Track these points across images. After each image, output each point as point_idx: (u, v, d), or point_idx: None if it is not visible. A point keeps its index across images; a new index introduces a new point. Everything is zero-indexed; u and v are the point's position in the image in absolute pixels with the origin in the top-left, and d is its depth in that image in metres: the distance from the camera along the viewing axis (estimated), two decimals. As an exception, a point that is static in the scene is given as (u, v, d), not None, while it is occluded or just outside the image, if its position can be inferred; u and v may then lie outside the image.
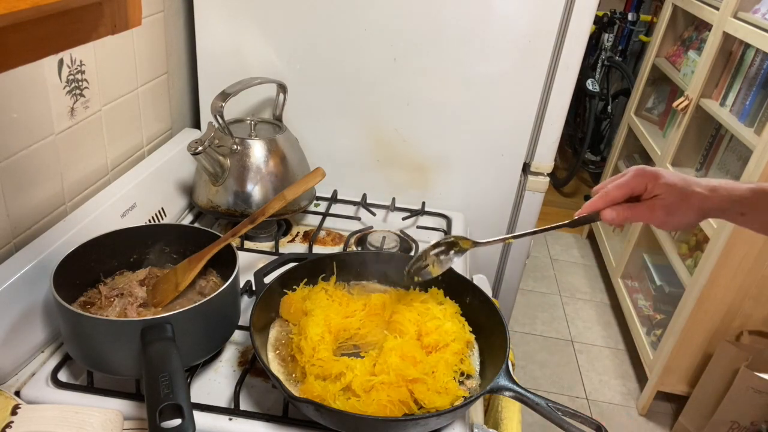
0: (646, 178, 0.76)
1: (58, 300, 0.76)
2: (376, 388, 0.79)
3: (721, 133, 2.16)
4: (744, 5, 2.00)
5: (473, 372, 0.88)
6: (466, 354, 0.89)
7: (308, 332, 0.85)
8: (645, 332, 2.29)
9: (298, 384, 0.82)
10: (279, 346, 0.90)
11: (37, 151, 0.93)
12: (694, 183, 0.77)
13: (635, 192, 0.77)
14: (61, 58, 0.95)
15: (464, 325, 0.93)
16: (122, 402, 0.81)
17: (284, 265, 0.99)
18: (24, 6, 0.39)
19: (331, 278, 1.00)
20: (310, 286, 0.98)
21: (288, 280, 0.96)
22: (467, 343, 0.91)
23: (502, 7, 1.21)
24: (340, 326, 0.90)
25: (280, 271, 0.97)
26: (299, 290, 0.96)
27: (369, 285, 1.04)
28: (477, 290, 0.96)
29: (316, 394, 0.77)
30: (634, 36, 3.78)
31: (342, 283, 1.01)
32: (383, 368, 0.81)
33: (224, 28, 1.31)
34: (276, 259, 1.00)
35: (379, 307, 0.94)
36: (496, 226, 1.46)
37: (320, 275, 0.99)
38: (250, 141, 1.20)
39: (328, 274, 1.00)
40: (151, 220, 1.15)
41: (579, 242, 3.29)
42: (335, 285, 1.00)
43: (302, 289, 0.97)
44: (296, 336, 0.87)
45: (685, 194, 0.75)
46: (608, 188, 0.78)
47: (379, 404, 0.77)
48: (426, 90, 1.31)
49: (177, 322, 0.76)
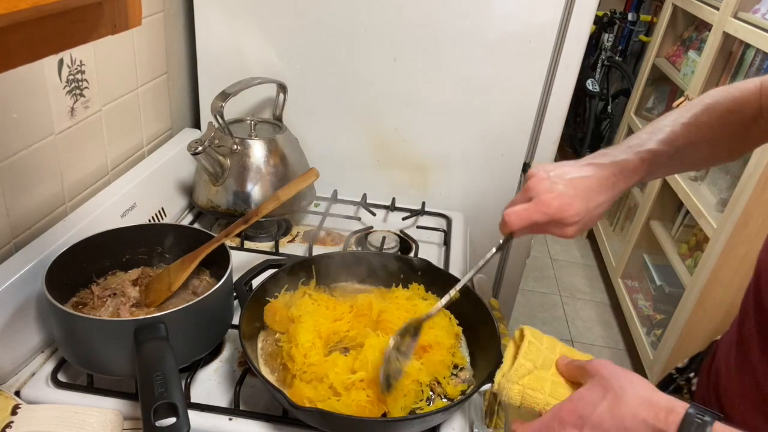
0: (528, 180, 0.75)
1: (51, 300, 0.76)
2: (356, 386, 0.78)
3: (721, 133, 2.16)
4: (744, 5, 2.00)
5: (465, 363, 0.89)
6: (456, 347, 0.90)
7: (298, 339, 0.84)
8: (645, 332, 2.29)
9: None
10: (266, 356, 0.88)
11: (37, 151, 0.93)
12: (573, 166, 0.75)
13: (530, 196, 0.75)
14: (61, 58, 0.95)
15: (451, 318, 0.93)
16: (122, 402, 0.81)
17: (264, 272, 0.96)
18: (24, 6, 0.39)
19: (311, 282, 0.98)
20: (291, 292, 0.96)
21: (269, 287, 0.93)
22: (456, 336, 0.91)
23: (502, 8, 1.21)
24: (329, 330, 0.88)
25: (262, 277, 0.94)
26: (281, 297, 0.94)
27: (350, 286, 1.03)
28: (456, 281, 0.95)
29: (306, 396, 0.77)
30: (634, 36, 3.78)
31: (322, 287, 1.00)
32: (363, 364, 0.81)
33: (224, 28, 1.31)
34: (254, 267, 0.96)
35: (366, 308, 0.93)
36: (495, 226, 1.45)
37: (300, 280, 0.97)
38: (250, 141, 1.20)
39: (308, 278, 0.98)
40: (151, 220, 1.15)
41: (579, 242, 3.29)
42: (316, 288, 0.98)
43: (283, 295, 0.94)
44: (286, 344, 0.86)
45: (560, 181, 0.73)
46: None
47: (358, 405, 0.76)
48: (426, 90, 1.31)
49: (170, 321, 0.76)
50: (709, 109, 0.80)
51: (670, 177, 2.29)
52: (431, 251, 1.26)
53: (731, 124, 0.80)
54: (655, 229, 2.44)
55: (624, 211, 3.02)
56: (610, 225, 3.16)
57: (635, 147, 0.76)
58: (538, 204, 0.72)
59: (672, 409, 0.57)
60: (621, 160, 0.75)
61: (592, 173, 0.74)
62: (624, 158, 0.75)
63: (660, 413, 0.57)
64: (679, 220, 2.33)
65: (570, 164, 0.76)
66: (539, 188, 0.73)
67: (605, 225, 3.17)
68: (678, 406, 0.57)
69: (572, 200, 0.71)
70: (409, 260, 1.01)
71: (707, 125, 0.79)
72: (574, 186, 0.72)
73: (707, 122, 0.79)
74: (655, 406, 0.58)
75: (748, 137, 0.82)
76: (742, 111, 0.79)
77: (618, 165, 0.75)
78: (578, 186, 0.72)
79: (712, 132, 0.80)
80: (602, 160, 0.75)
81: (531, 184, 0.74)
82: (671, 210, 2.45)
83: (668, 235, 2.37)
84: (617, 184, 0.74)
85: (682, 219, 2.30)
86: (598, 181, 0.73)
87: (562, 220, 0.72)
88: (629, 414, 0.58)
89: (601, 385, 0.63)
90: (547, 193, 0.72)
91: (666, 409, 0.58)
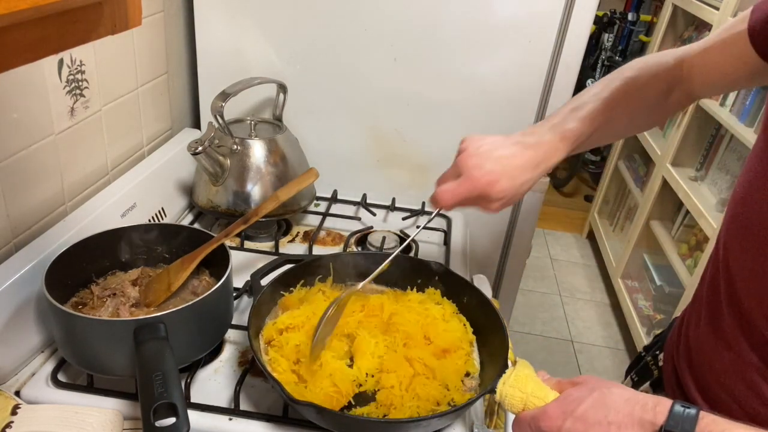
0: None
1: (50, 300, 0.76)
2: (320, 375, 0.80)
3: (721, 133, 2.16)
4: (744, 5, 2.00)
5: (475, 372, 0.88)
6: (470, 354, 0.90)
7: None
8: (645, 332, 2.29)
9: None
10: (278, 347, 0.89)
11: (37, 151, 0.93)
12: (503, 144, 0.80)
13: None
14: (61, 58, 0.95)
15: (466, 325, 0.93)
16: (122, 402, 0.81)
17: (282, 267, 0.98)
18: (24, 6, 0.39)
19: (327, 279, 1.00)
20: (307, 288, 0.98)
21: (285, 282, 0.96)
22: (470, 343, 0.91)
23: (502, 8, 1.21)
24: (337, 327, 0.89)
25: (278, 272, 0.97)
26: (296, 292, 0.96)
27: (367, 286, 1.03)
28: (475, 290, 0.95)
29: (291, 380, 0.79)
30: (634, 36, 3.78)
31: (339, 284, 1.01)
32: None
33: (224, 28, 1.31)
34: (273, 260, 0.99)
35: (377, 309, 0.94)
36: (495, 226, 1.46)
37: (317, 276, 0.99)
38: (250, 141, 1.20)
39: (325, 275, 1.00)
40: (151, 220, 1.15)
41: (579, 242, 3.29)
42: (332, 286, 0.99)
43: (299, 290, 0.96)
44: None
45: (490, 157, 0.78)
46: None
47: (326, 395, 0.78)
48: (426, 90, 1.31)
49: (170, 321, 0.76)
50: (629, 82, 0.83)
51: (671, 177, 2.29)
52: (431, 251, 1.26)
53: (649, 97, 0.84)
54: (655, 229, 2.44)
55: (624, 211, 3.02)
56: (610, 225, 3.16)
57: (558, 126, 0.81)
58: (467, 181, 0.78)
59: (659, 402, 0.58)
60: (545, 140, 0.80)
61: (519, 152, 0.79)
62: (548, 138, 0.80)
63: (647, 405, 0.58)
64: (679, 220, 2.33)
65: (500, 141, 0.80)
66: (468, 164, 0.78)
67: (605, 225, 3.17)
68: (664, 400, 0.58)
69: (499, 177, 0.77)
70: (426, 264, 1.01)
71: (626, 99, 0.83)
72: (501, 164, 0.78)
73: (625, 96, 0.82)
74: (641, 400, 0.59)
75: (666, 108, 0.86)
76: (660, 84, 0.83)
77: (542, 146, 0.80)
78: (505, 164, 0.78)
79: (630, 105, 0.84)
80: (529, 139, 0.81)
81: (461, 160, 0.80)
82: (671, 210, 2.45)
83: (668, 235, 2.37)
84: (541, 164, 0.80)
85: (682, 219, 2.31)
86: (523, 160, 0.79)
87: (488, 196, 0.78)
88: (614, 408, 0.59)
89: (588, 386, 0.64)
90: (476, 169, 0.77)
91: (653, 401, 0.59)
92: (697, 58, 0.81)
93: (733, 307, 0.70)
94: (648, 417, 0.57)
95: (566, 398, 0.64)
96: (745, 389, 0.69)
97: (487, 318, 0.92)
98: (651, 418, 0.57)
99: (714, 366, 0.74)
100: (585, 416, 0.60)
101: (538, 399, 0.68)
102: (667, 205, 2.44)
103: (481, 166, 0.77)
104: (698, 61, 0.81)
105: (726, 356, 0.71)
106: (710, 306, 0.76)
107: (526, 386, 0.70)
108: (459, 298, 0.97)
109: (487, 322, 0.92)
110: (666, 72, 0.83)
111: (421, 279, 1.00)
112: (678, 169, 2.32)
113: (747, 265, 0.68)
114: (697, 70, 0.81)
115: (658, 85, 0.84)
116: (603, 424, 0.59)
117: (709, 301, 0.76)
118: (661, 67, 0.84)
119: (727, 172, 2.06)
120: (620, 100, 0.82)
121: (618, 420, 0.58)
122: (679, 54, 0.83)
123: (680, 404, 0.57)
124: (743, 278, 0.69)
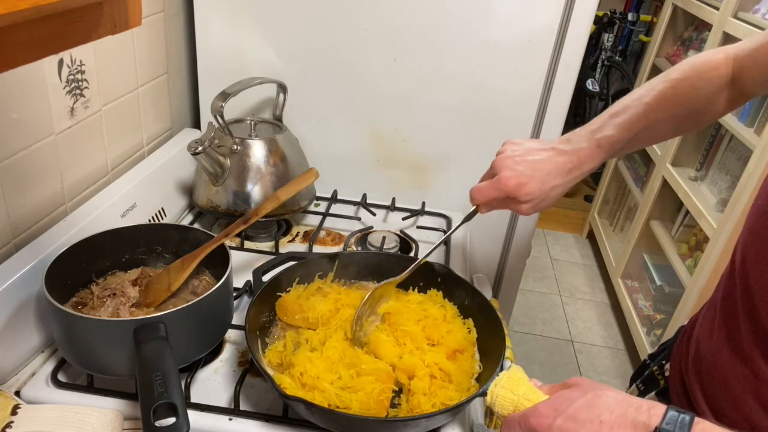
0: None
1: (50, 300, 0.76)
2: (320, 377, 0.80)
3: (721, 133, 2.16)
4: (744, 5, 2.00)
5: (477, 373, 0.88)
6: (473, 355, 0.90)
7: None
8: (645, 332, 2.29)
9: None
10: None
11: (37, 151, 0.93)
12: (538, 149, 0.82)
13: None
14: (61, 58, 0.95)
15: (470, 328, 0.93)
16: (122, 402, 0.81)
17: (283, 264, 0.99)
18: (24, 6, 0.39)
19: (328, 276, 0.99)
20: (304, 285, 0.97)
21: (286, 279, 0.96)
22: (473, 345, 0.92)
23: (502, 8, 1.21)
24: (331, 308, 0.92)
25: (280, 269, 0.97)
26: (293, 290, 0.96)
27: (368, 285, 1.03)
28: (476, 292, 0.95)
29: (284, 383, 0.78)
30: (634, 36, 3.78)
31: (340, 281, 1.01)
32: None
33: (224, 28, 1.31)
34: (275, 258, 1.00)
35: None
36: (495, 226, 1.46)
37: (318, 274, 0.99)
38: (250, 141, 1.20)
39: (326, 273, 1.00)
40: (151, 220, 1.15)
41: (579, 242, 3.29)
42: (332, 283, 0.99)
43: (296, 288, 0.96)
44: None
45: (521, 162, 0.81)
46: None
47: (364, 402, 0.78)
48: (426, 90, 1.31)
49: (170, 321, 0.76)
50: (675, 84, 0.82)
51: (671, 177, 2.29)
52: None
53: (697, 98, 0.83)
54: (655, 229, 2.44)
55: (624, 211, 3.02)
56: (610, 225, 3.16)
57: (595, 132, 0.81)
58: (498, 182, 0.81)
59: (653, 405, 0.58)
60: (579, 148, 0.81)
61: (551, 157, 0.81)
62: (584, 146, 0.81)
63: (641, 407, 0.58)
64: (679, 220, 2.33)
65: (535, 146, 0.83)
66: (501, 166, 0.81)
67: (605, 225, 3.17)
68: (658, 404, 0.58)
69: (528, 180, 0.79)
70: (429, 265, 1.00)
71: (672, 102, 0.82)
72: (533, 168, 0.80)
73: (672, 98, 0.82)
74: (635, 403, 0.59)
75: (715, 109, 0.85)
76: (709, 85, 0.82)
77: (577, 153, 0.81)
78: (537, 168, 0.80)
79: (677, 108, 0.82)
80: (564, 146, 0.82)
81: (496, 161, 0.83)
82: (671, 210, 2.45)
83: (668, 235, 2.37)
84: (573, 170, 0.81)
85: (682, 219, 2.31)
86: (555, 165, 0.80)
87: (516, 198, 0.80)
88: (606, 409, 0.59)
89: (581, 388, 0.64)
90: (508, 171, 0.80)
91: (647, 404, 0.58)
92: (748, 58, 0.79)
93: (751, 321, 0.68)
94: (642, 419, 0.57)
95: (558, 397, 0.64)
96: (758, 406, 0.68)
97: (486, 320, 0.92)
98: (645, 420, 0.56)
99: (727, 380, 0.72)
100: (576, 415, 0.60)
101: (529, 401, 0.68)
102: (667, 205, 2.44)
103: (512, 167, 0.80)
104: (749, 60, 0.79)
105: (740, 371, 0.70)
106: (726, 319, 0.74)
107: (518, 388, 0.70)
108: (460, 300, 0.97)
109: (486, 323, 0.92)
110: (715, 72, 0.81)
111: (423, 281, 1.00)
112: (678, 169, 2.32)
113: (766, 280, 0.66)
114: (748, 69, 0.80)
115: (706, 87, 0.82)
116: (595, 423, 0.58)
117: (725, 314, 0.74)
118: (710, 66, 0.82)
119: (727, 172, 2.06)
120: (665, 103, 0.81)
121: (611, 420, 0.58)
122: (729, 53, 0.81)
123: (675, 409, 0.56)
124: (762, 293, 0.67)
